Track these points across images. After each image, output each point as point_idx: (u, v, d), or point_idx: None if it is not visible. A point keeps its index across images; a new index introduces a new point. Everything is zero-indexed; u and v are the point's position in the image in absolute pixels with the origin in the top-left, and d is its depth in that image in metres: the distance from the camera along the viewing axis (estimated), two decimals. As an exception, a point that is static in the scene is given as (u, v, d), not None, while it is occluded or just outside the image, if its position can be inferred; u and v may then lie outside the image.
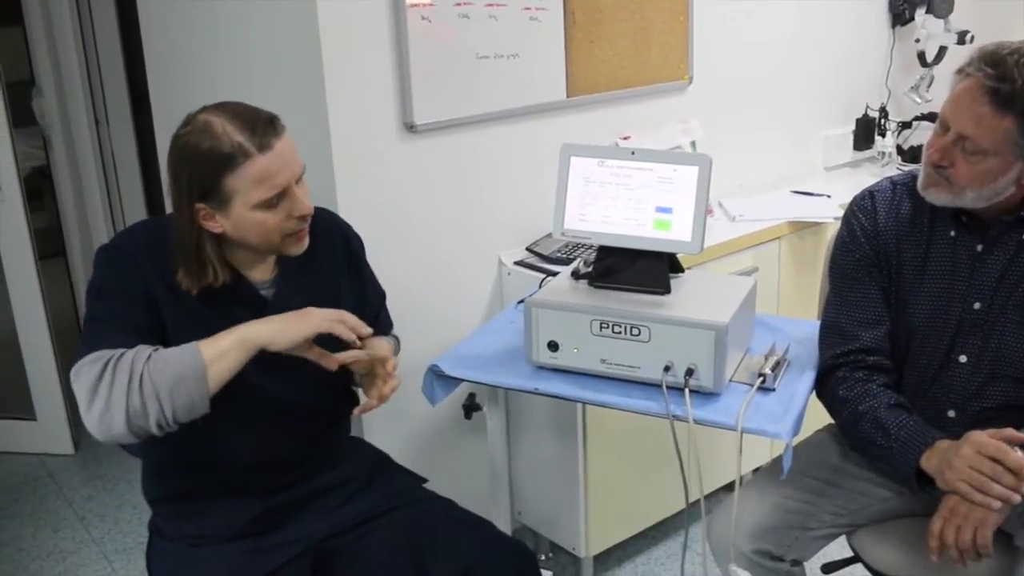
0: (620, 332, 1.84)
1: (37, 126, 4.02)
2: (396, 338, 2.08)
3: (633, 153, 1.90)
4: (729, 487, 3.01)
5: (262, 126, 1.62)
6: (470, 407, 2.26)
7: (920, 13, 3.50)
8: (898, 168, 3.45)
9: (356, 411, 1.84)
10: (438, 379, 2.00)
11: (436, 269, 2.51)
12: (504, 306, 2.62)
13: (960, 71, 1.71)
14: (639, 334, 1.83)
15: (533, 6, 2.49)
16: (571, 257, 2.51)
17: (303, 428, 1.85)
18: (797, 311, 2.87)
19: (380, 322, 2.01)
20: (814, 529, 1.93)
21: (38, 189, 4.43)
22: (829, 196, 3.14)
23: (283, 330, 1.63)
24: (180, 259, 1.67)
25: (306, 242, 1.75)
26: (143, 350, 1.57)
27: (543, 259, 2.55)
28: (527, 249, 2.61)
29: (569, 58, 2.60)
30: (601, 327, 1.85)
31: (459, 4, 2.34)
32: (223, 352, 1.58)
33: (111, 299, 1.65)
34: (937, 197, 1.77)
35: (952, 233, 1.82)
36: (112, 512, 3.19)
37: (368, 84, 2.27)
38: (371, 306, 1.98)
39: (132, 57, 3.79)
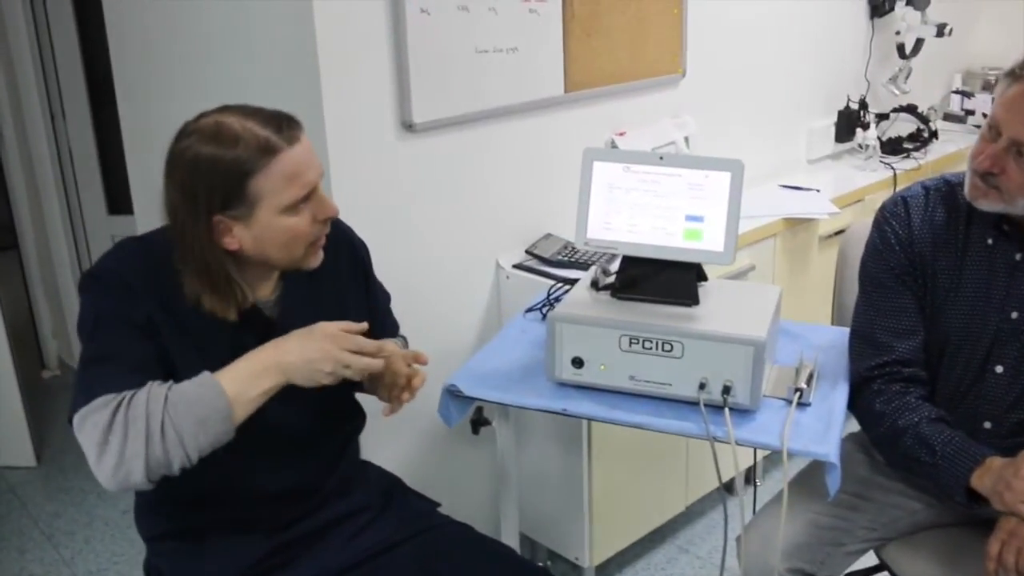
0: (651, 348, 1.73)
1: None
2: (404, 339, 1.95)
3: (661, 158, 1.79)
4: (725, 487, 2.95)
5: (285, 120, 1.48)
6: (478, 422, 2.14)
7: (900, 5, 3.43)
8: (881, 161, 3.39)
9: (386, 411, 1.69)
10: (453, 399, 1.87)
11: (433, 272, 2.38)
12: (502, 310, 2.51)
13: (1011, 74, 1.61)
14: (671, 350, 1.72)
15: (532, -2, 2.37)
16: (572, 260, 2.40)
17: (313, 455, 1.71)
18: (795, 311, 2.78)
19: (387, 325, 1.88)
20: (846, 544, 1.85)
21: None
22: (819, 190, 3.07)
23: (309, 371, 1.47)
24: (202, 283, 1.51)
25: (322, 255, 1.60)
26: (156, 390, 1.41)
27: (543, 262, 2.44)
28: (526, 252, 2.50)
29: (567, 52, 2.48)
30: (631, 343, 1.74)
31: (458, -4, 2.21)
32: (245, 391, 1.44)
33: (109, 332, 1.47)
34: (989, 206, 1.68)
35: (989, 241, 1.74)
36: (82, 530, 3.00)
37: (365, 81, 2.13)
38: (379, 311, 1.86)
39: (90, 50, 3.58)
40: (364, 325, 1.55)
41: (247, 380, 1.44)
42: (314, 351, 1.48)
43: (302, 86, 2.10)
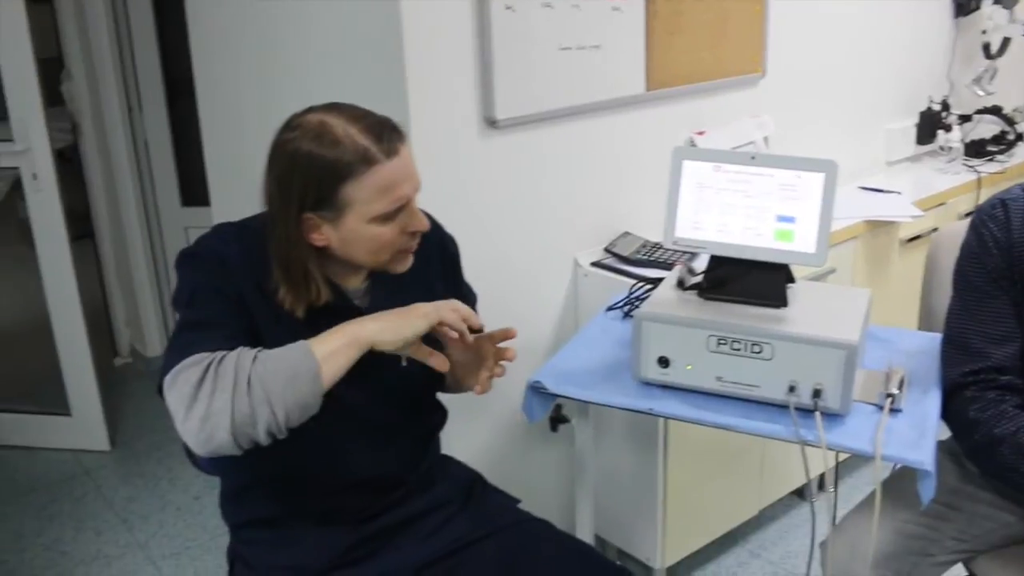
0: (740, 349, 1.71)
1: (63, 107, 3.86)
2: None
3: (753, 158, 1.76)
4: (796, 493, 2.92)
5: (388, 131, 1.47)
6: (557, 419, 2.13)
7: (987, 3, 3.36)
8: (963, 164, 3.32)
9: (478, 389, 1.68)
10: (537, 395, 1.86)
11: (511, 269, 2.39)
12: (578, 308, 2.50)
13: None
14: (761, 351, 1.70)
15: (615, -5, 2.36)
16: (651, 259, 2.39)
17: (398, 446, 1.72)
18: (876, 315, 2.74)
19: None
20: (934, 555, 1.81)
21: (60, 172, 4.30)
22: (900, 192, 3.02)
23: (394, 327, 1.47)
24: (282, 275, 1.52)
25: (411, 260, 1.60)
26: (246, 351, 1.41)
27: (621, 260, 2.43)
28: (605, 250, 2.49)
29: (649, 50, 2.46)
30: (719, 343, 1.72)
31: (542, -7, 2.21)
32: (333, 351, 1.42)
33: (204, 302, 1.49)
34: None
35: None
36: (156, 514, 3.06)
37: (450, 77, 2.14)
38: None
39: (168, 43, 3.64)
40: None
41: (335, 344, 1.43)
42: (408, 314, 1.49)
43: (387, 82, 2.11)
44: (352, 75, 2.23)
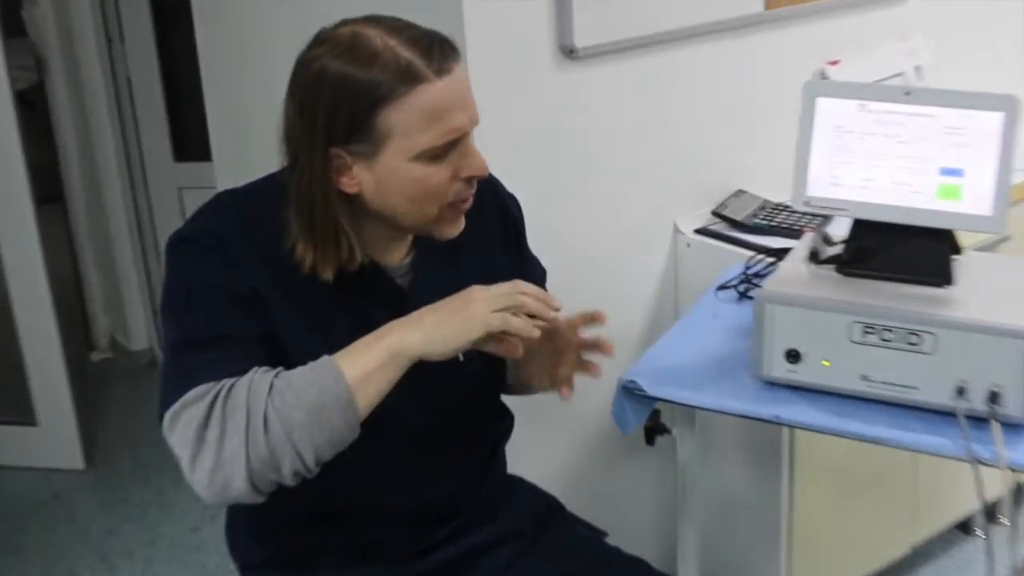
0: (892, 340, 1.71)
1: (24, 38, 3.92)
2: None
3: (908, 93, 1.75)
4: (960, 526, 2.91)
5: (439, 44, 1.48)
6: (654, 429, 2.13)
7: None
8: None
9: (565, 391, 1.70)
10: (631, 398, 1.87)
11: (594, 237, 2.41)
12: (679, 286, 2.53)
13: None
14: (919, 343, 1.69)
15: None
16: (774, 224, 2.40)
17: (452, 469, 1.74)
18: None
19: None
20: None
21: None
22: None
23: (444, 336, 1.47)
24: (303, 230, 1.51)
25: (463, 223, 1.60)
26: (260, 378, 1.43)
27: (734, 226, 2.44)
28: (713, 213, 2.49)
29: (769, -44, 2.46)
30: (865, 332, 1.72)
31: None
32: (369, 372, 1.44)
33: (204, 309, 1.50)
34: None
35: None
36: (142, 550, 3.12)
37: (516, -5, 2.16)
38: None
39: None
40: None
41: (372, 360, 1.45)
42: (462, 311, 1.48)
43: (440, 3, 2.12)
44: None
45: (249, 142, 2.78)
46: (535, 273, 1.88)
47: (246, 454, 1.38)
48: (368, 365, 1.44)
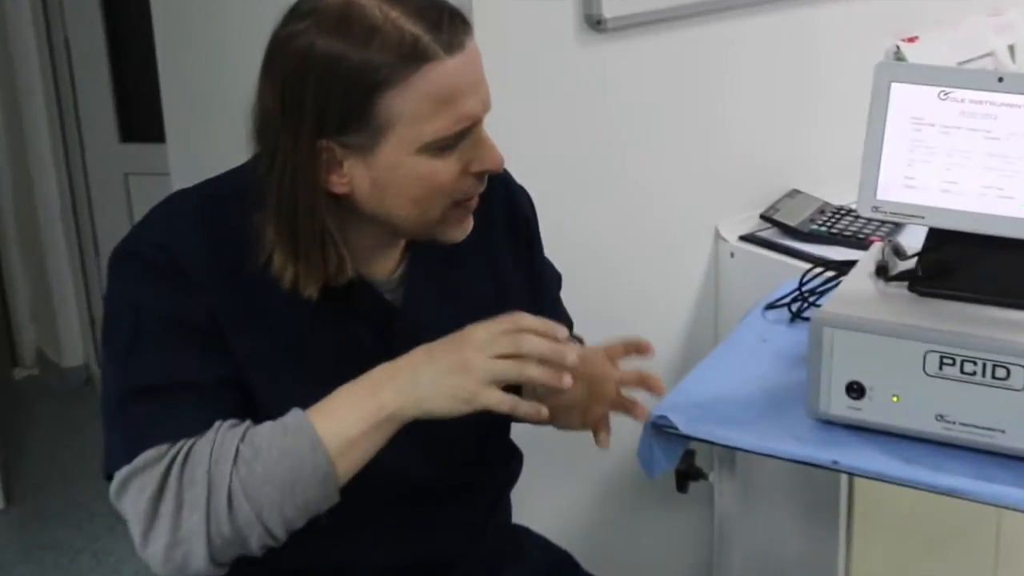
0: (974, 373, 1.71)
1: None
2: (580, 340, 1.95)
3: (1001, 80, 1.76)
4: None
5: (449, 16, 1.47)
6: (687, 473, 2.15)
7: None
8: None
9: (603, 437, 1.74)
10: (660, 437, 1.88)
11: (621, 241, 2.43)
12: (720, 303, 2.54)
13: None
14: (1007, 377, 1.70)
15: None
16: (836, 232, 2.41)
17: (450, 520, 1.76)
18: None
19: (558, 317, 1.85)
20: None
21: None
22: None
23: (440, 398, 1.46)
24: (280, 237, 1.50)
25: (471, 222, 1.61)
26: (224, 440, 1.44)
27: (788, 232, 2.46)
28: (762, 217, 2.52)
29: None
30: (942, 363, 1.73)
31: None
32: (352, 440, 1.45)
33: (155, 348, 1.50)
34: None
35: None
36: (72, 606, 3.14)
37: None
38: (547, 300, 1.88)
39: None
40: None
41: (358, 423, 1.46)
42: (460, 369, 1.47)
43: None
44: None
45: (210, 120, 2.78)
46: (549, 280, 1.91)
47: (206, 532, 1.41)
48: (352, 430, 1.45)
